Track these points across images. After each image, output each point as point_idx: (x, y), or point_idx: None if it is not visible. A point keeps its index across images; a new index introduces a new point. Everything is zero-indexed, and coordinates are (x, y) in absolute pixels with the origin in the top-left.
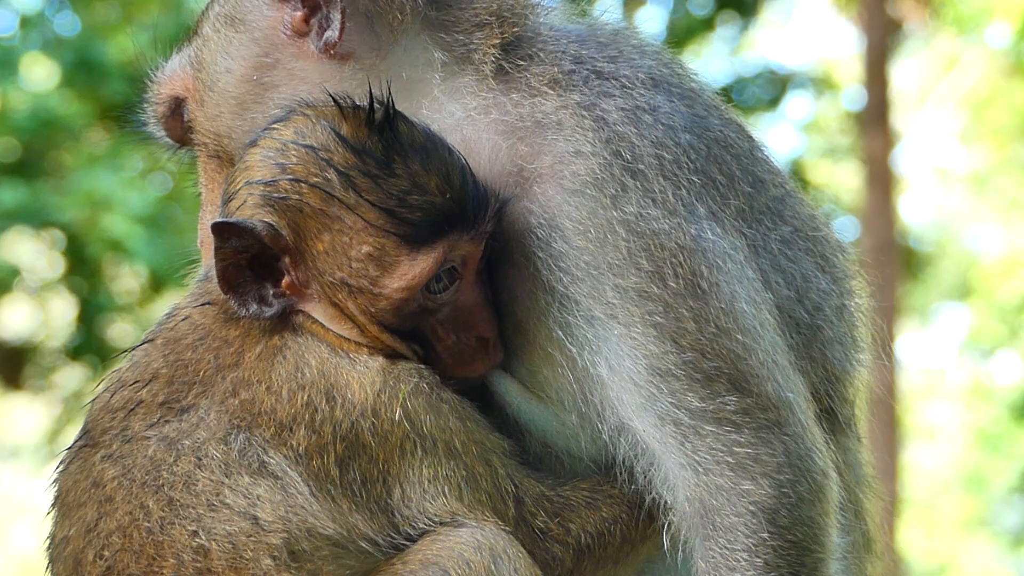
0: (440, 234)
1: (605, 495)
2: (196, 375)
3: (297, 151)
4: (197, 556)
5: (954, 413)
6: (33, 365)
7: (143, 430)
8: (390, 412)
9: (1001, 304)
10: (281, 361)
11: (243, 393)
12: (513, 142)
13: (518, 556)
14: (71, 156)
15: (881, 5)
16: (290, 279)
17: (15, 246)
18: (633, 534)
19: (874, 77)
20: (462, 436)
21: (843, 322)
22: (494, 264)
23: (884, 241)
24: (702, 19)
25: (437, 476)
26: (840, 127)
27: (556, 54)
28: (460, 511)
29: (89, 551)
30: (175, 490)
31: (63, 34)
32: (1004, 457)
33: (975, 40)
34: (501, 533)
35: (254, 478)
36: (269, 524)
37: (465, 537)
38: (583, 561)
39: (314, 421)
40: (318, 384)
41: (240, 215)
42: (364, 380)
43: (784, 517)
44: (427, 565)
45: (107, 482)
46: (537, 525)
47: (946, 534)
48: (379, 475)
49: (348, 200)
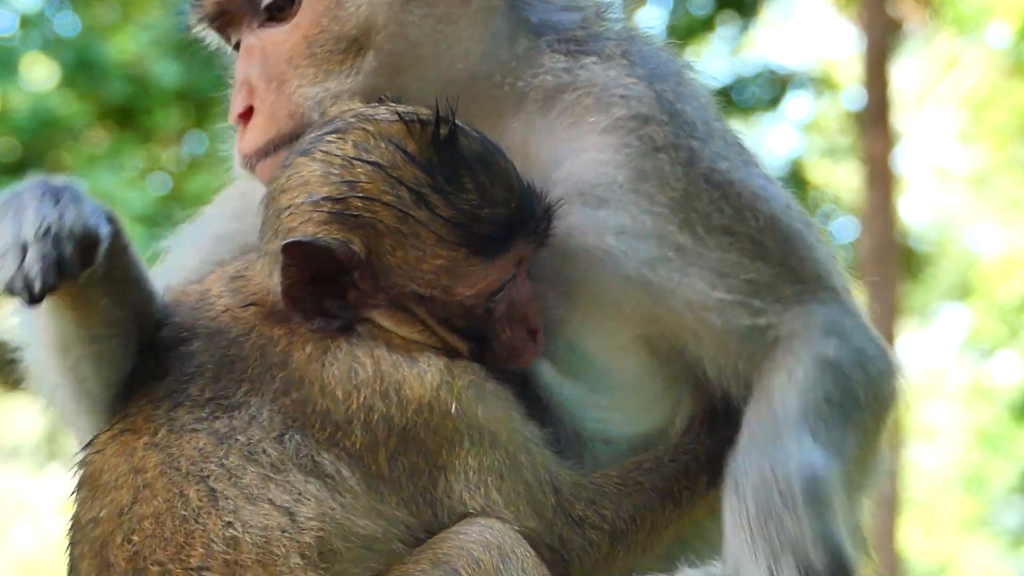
0: (510, 242)
1: (634, 482)
2: (244, 373)
3: (364, 169)
4: (227, 547)
5: (954, 413)
6: None
7: (191, 423)
8: (446, 406)
9: (1001, 304)
10: (333, 362)
11: (294, 393)
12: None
13: (525, 555)
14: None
15: (881, 5)
16: (357, 292)
17: None
18: (660, 520)
19: (874, 77)
20: (507, 426)
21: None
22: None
23: (884, 241)
24: (702, 19)
25: (481, 466)
26: (840, 127)
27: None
28: (498, 502)
29: (118, 534)
30: (219, 482)
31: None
32: (1004, 457)
33: (975, 40)
34: (509, 532)
35: (306, 476)
36: (306, 522)
37: (474, 536)
38: (617, 547)
39: (370, 420)
40: (373, 384)
41: (303, 231)
42: (424, 378)
43: (849, 373)
44: (438, 564)
45: (149, 468)
46: (575, 513)
47: (946, 534)
48: (426, 467)
49: (421, 217)
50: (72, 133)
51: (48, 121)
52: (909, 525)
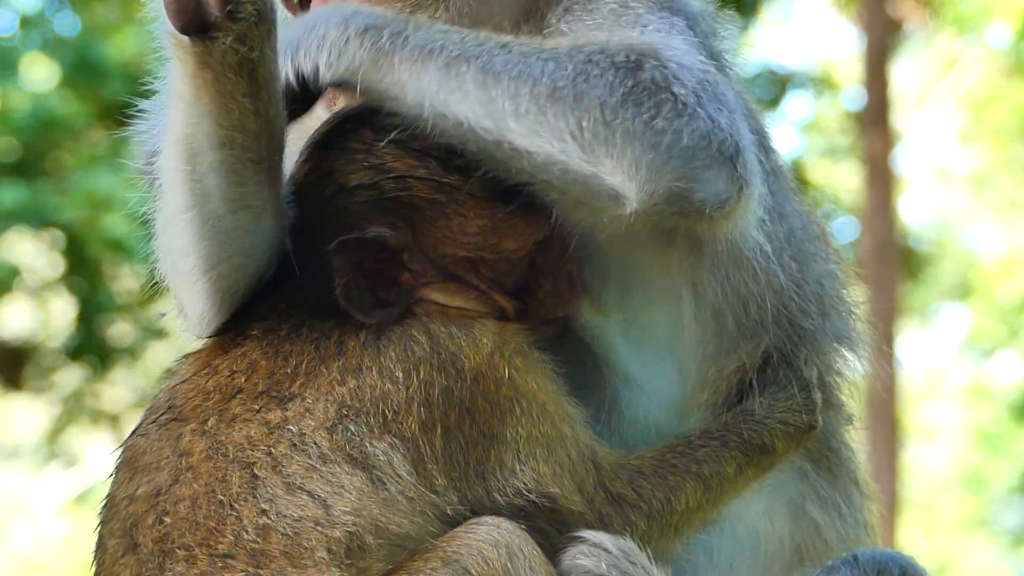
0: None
1: (669, 464)
2: (299, 367)
3: (388, 148)
4: (257, 536)
5: (954, 413)
6: (33, 365)
7: (243, 413)
8: (500, 372)
9: (1001, 304)
10: (388, 344)
11: (351, 381)
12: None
13: (533, 553)
14: (71, 156)
15: (881, 5)
16: (410, 274)
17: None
18: (692, 503)
19: (874, 77)
20: (553, 397)
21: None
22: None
23: (884, 241)
24: None
25: (531, 436)
26: (840, 127)
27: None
28: (546, 474)
29: (151, 514)
30: (263, 469)
31: (63, 34)
32: (1004, 457)
33: (975, 40)
34: (517, 531)
35: (352, 467)
36: (340, 516)
37: (483, 534)
38: (652, 527)
39: (430, 397)
40: (431, 359)
41: (345, 227)
42: (478, 345)
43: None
44: (447, 563)
45: (195, 453)
46: (614, 490)
47: (946, 534)
48: (480, 437)
49: (455, 182)
50: (72, 133)
51: (48, 121)
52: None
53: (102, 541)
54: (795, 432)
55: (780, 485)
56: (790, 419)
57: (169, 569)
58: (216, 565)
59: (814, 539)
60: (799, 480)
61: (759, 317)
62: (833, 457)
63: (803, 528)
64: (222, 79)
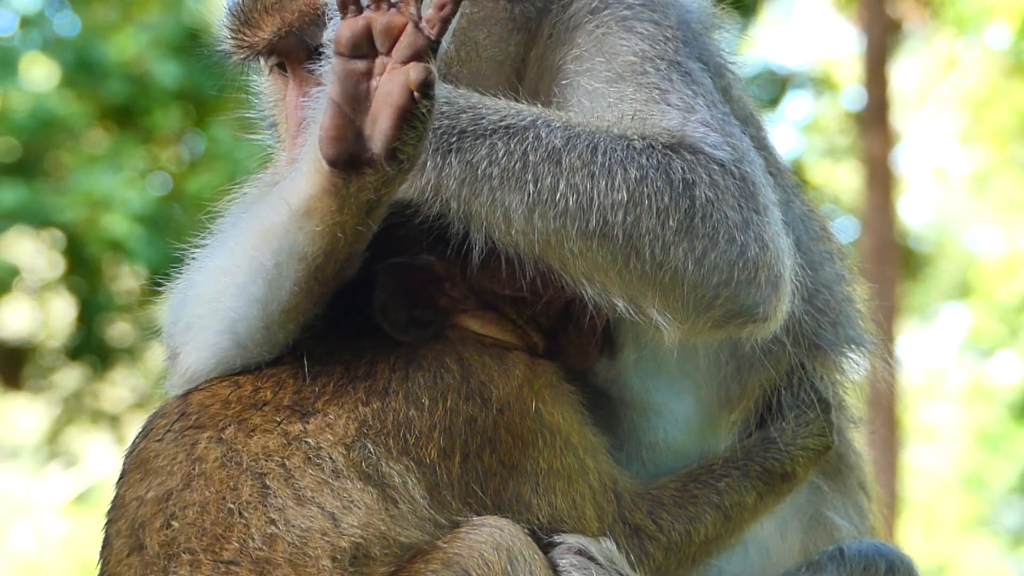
0: None
1: (689, 495)
2: (327, 386)
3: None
4: (263, 544)
5: (954, 413)
6: (33, 365)
7: (264, 424)
8: (526, 404)
9: (1001, 304)
10: (417, 369)
11: (376, 403)
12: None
13: (534, 557)
14: (71, 156)
15: (881, 5)
16: (448, 299)
17: (15, 246)
18: (711, 533)
19: (874, 77)
20: (578, 429)
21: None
22: None
23: (884, 241)
24: None
25: (552, 469)
26: (840, 127)
27: None
28: (562, 509)
29: (159, 517)
30: (275, 480)
31: (63, 34)
32: (1004, 457)
33: (975, 40)
34: (519, 533)
35: (364, 484)
36: (348, 528)
37: (484, 536)
38: (670, 558)
39: (453, 424)
40: (460, 387)
41: (396, 247)
42: (509, 375)
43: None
44: (448, 565)
45: (209, 460)
46: (633, 521)
47: (946, 534)
48: (499, 467)
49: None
50: (72, 133)
51: (48, 121)
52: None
53: (108, 540)
54: (815, 456)
55: (794, 503)
56: (811, 444)
57: (173, 572)
58: (220, 571)
59: (826, 546)
60: (811, 493)
61: (774, 335)
62: (841, 463)
63: (815, 537)
64: (344, 211)
